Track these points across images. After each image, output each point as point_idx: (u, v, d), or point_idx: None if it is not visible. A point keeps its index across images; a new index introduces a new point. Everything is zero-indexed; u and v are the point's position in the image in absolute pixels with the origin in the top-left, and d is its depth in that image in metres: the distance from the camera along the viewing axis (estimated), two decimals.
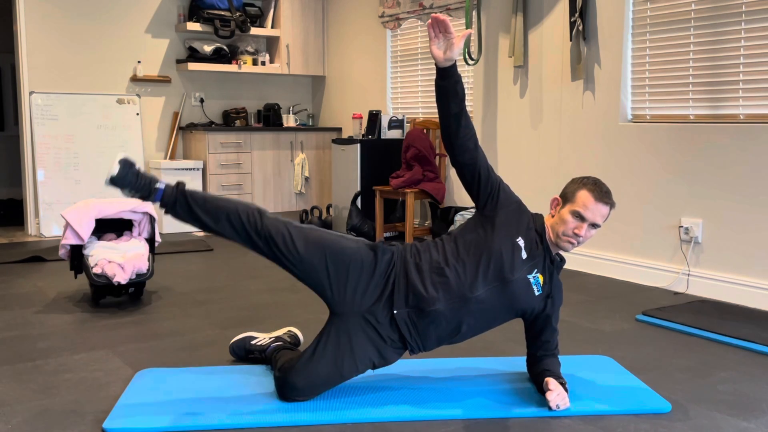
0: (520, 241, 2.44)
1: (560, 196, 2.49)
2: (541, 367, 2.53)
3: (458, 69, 5.79)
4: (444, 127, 2.45)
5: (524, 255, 2.44)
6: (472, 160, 2.46)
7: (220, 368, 2.76)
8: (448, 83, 2.39)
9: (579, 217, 2.41)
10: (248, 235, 2.42)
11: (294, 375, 2.40)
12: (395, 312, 2.40)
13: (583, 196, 2.41)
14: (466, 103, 2.45)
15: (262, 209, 2.46)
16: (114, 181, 2.37)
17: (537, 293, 2.47)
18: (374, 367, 2.48)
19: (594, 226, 2.42)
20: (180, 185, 2.45)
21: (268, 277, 4.46)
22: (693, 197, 4.11)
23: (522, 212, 2.51)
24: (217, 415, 2.30)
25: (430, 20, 2.32)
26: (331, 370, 2.40)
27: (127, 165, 2.39)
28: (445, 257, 2.45)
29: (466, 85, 5.54)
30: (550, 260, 2.50)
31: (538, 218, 2.53)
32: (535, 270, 2.46)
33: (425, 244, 2.53)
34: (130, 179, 2.39)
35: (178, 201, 2.42)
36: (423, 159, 5.57)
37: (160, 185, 2.43)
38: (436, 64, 2.39)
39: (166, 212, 2.45)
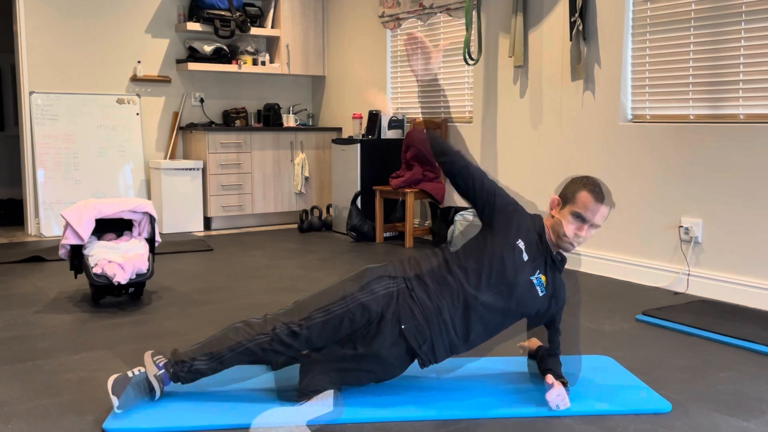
0: (520, 244, 2.44)
1: (560, 196, 2.50)
2: (542, 366, 2.55)
3: (460, 67, 5.72)
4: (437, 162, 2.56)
5: (525, 257, 2.44)
6: (463, 170, 2.50)
7: None
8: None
9: (580, 218, 2.41)
10: (254, 354, 2.35)
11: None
12: (403, 327, 2.38)
13: (584, 197, 2.41)
14: (467, 103, 2.48)
15: (246, 320, 2.41)
16: (123, 407, 2.27)
17: (541, 294, 2.47)
18: (378, 382, 2.49)
19: (594, 226, 2.43)
20: (174, 354, 2.39)
21: (268, 277, 4.46)
22: (693, 197, 4.11)
23: (520, 214, 2.51)
24: (217, 415, 2.30)
25: (406, 37, 2.38)
26: (333, 379, 2.39)
27: (119, 386, 2.28)
28: (447, 265, 2.45)
29: (465, 86, 5.55)
30: (551, 260, 2.50)
31: (537, 219, 2.53)
32: (537, 271, 2.46)
33: (424, 254, 2.53)
34: (133, 395, 2.30)
35: (186, 370, 2.35)
36: (423, 159, 5.57)
37: (161, 371, 2.35)
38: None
39: (184, 383, 2.39)
